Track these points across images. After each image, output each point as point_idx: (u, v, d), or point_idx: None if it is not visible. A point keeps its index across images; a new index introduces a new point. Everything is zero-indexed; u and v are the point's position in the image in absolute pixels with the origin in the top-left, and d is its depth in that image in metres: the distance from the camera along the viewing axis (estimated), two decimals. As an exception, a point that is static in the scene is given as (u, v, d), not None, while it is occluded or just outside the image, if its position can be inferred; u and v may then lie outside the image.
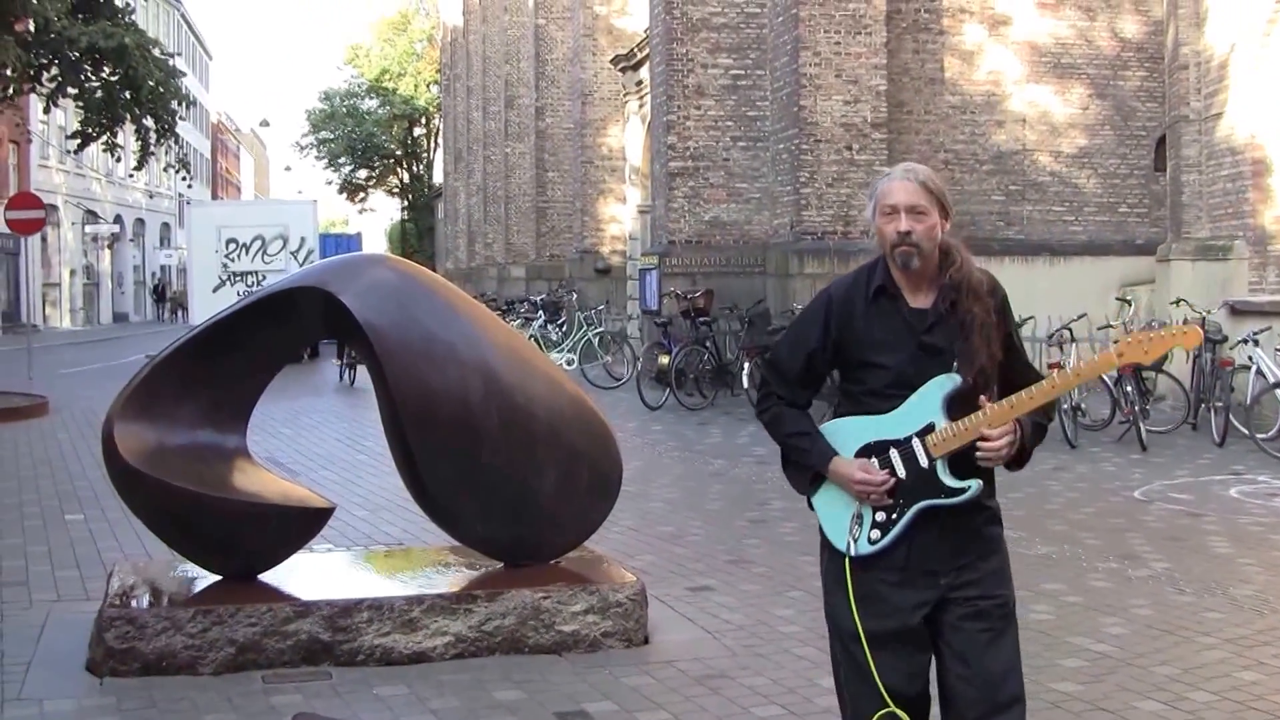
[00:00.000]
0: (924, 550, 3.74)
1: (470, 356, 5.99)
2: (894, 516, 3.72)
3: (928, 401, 3.70)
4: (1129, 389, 14.32)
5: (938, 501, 3.70)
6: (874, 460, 3.73)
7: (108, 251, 59.20)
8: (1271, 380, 13.56)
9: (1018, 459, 3.74)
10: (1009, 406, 3.65)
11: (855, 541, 3.74)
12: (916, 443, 3.70)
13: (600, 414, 6.56)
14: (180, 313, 52.35)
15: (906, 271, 3.74)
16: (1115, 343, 3.72)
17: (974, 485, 3.70)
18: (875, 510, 3.73)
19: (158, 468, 5.84)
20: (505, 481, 6.12)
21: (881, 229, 3.74)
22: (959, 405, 3.68)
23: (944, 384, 3.69)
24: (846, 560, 3.75)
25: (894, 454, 3.71)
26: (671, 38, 21.36)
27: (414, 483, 6.27)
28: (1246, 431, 13.38)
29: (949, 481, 3.69)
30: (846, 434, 3.79)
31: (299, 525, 6.26)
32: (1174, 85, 17.30)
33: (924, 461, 3.69)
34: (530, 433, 6.11)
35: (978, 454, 3.65)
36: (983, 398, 3.66)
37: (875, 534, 3.73)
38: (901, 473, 3.70)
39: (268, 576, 6.22)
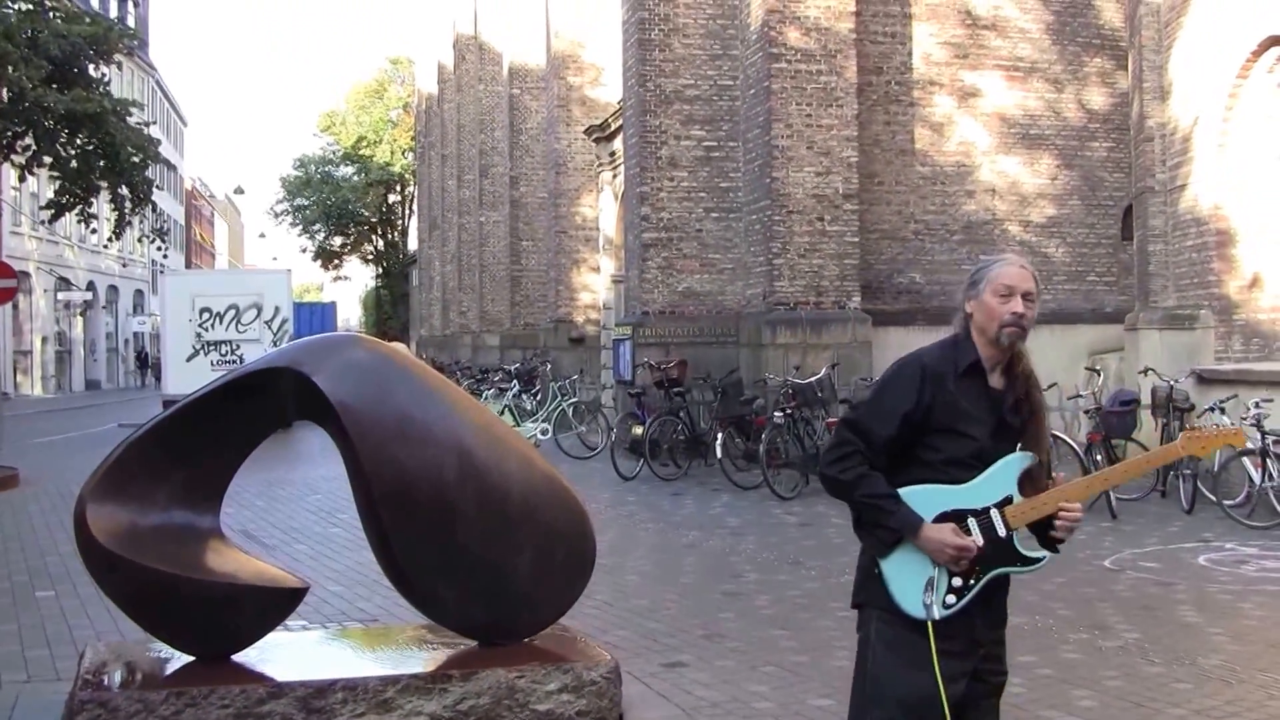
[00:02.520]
0: (973, 619, 3.97)
1: (445, 437, 6.02)
2: (970, 583, 3.93)
3: (1005, 476, 3.95)
4: (1099, 458, 14.43)
5: (1012, 570, 3.96)
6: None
7: (80, 319, 58.99)
8: (1238, 448, 13.67)
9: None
10: (1087, 485, 4.07)
11: (931, 605, 3.91)
12: (995, 514, 3.93)
13: (574, 492, 6.60)
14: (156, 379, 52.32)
15: (1000, 350, 4.02)
16: (1176, 440, 4.16)
17: (1048, 557, 4.01)
18: (952, 576, 3.92)
19: (131, 549, 5.85)
20: (480, 561, 6.14)
21: (992, 307, 3.98)
22: (1029, 482, 3.97)
23: (1021, 461, 3.96)
24: (930, 625, 3.92)
25: (972, 523, 3.92)
26: (644, 110, 21.55)
27: (388, 562, 6.29)
28: (1214, 498, 13.48)
29: (1026, 552, 3.96)
30: (923, 501, 3.95)
31: (273, 605, 6.26)
32: (1140, 157, 17.53)
33: (1002, 532, 3.92)
34: (505, 512, 6.13)
35: (1058, 523, 3.95)
36: (1056, 475, 4.02)
37: (951, 599, 3.93)
38: (979, 541, 3.91)
39: (242, 657, 6.21)
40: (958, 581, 3.90)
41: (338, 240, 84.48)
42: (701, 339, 21.16)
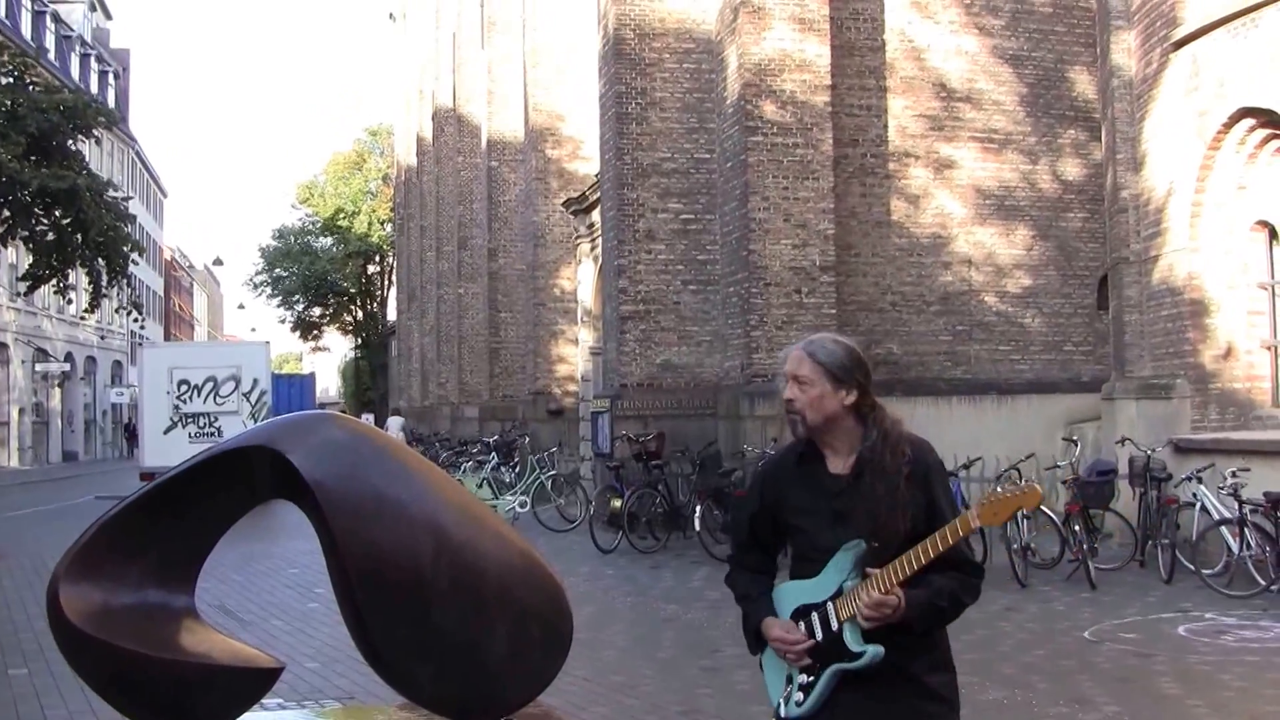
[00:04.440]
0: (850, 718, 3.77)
1: (420, 516, 5.99)
2: (812, 680, 3.80)
3: (841, 566, 3.80)
4: (1077, 528, 14.45)
5: (844, 666, 3.76)
6: (801, 624, 3.83)
7: (58, 390, 58.81)
8: (1216, 517, 13.69)
9: (908, 626, 3.75)
10: (889, 573, 3.71)
11: (785, 703, 3.85)
12: (830, 606, 3.80)
13: (551, 569, 6.59)
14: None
15: (811, 437, 3.89)
16: (970, 509, 3.78)
17: (870, 651, 3.73)
18: (800, 672, 3.83)
19: (104, 629, 5.80)
20: (456, 639, 6.10)
21: (783, 394, 3.92)
22: (866, 569, 3.77)
23: (853, 550, 3.77)
24: None
25: (814, 617, 3.82)
26: (622, 183, 21.66)
27: (363, 640, 6.25)
28: (1193, 568, 13.50)
29: (851, 646, 3.75)
30: (786, 597, 3.92)
31: (247, 686, 6.20)
32: (1114, 227, 17.65)
33: (834, 625, 3.78)
34: (481, 590, 6.10)
35: (860, 616, 3.72)
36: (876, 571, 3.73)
37: (800, 696, 3.82)
38: (819, 635, 3.80)
39: (216, 737, 6.16)
40: (804, 679, 3.81)
41: (316, 311, 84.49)
42: (680, 411, 21.18)
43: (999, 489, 3.86)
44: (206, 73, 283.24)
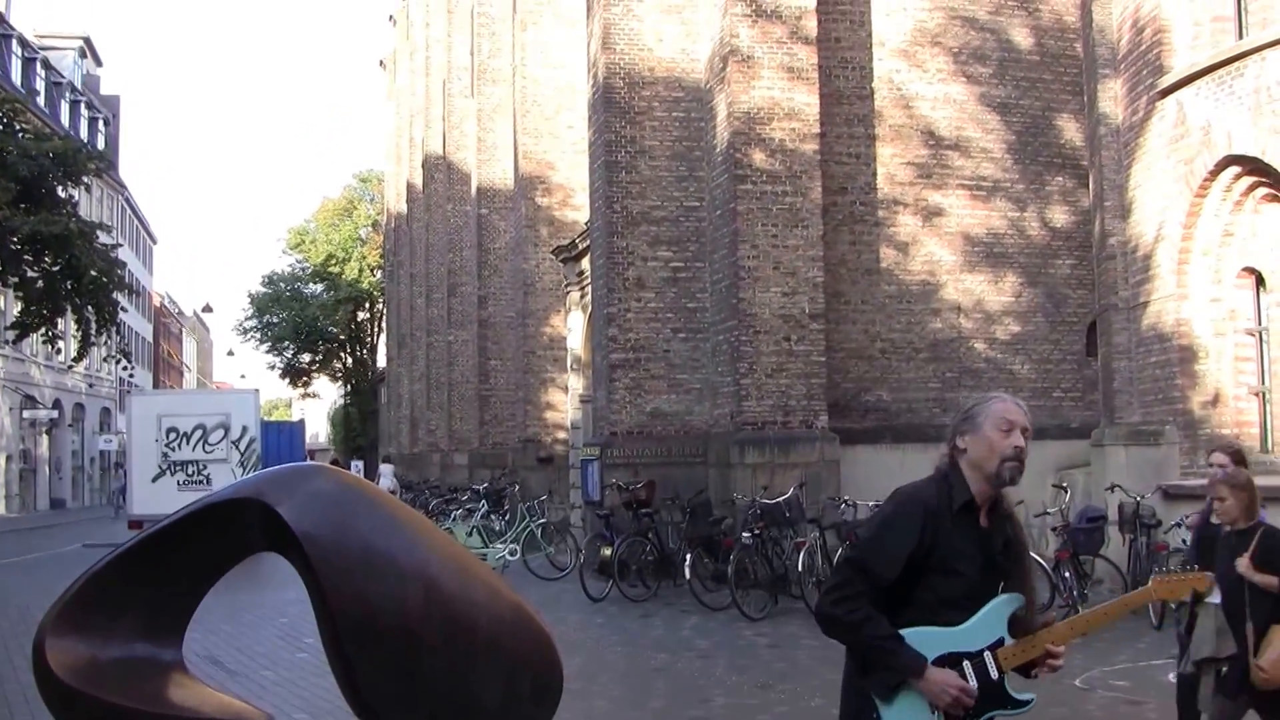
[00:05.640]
0: None
1: (410, 568, 5.97)
2: None
3: (996, 618, 3.96)
4: (1067, 574, 14.45)
5: (1002, 712, 3.95)
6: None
7: (46, 437, 58.63)
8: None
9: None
10: (1069, 628, 4.03)
11: None
12: (989, 656, 3.93)
13: (541, 620, 6.57)
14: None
15: (995, 486, 4.03)
16: (1149, 583, 4.29)
17: (1033, 698, 4.01)
18: None
19: (90, 684, 5.76)
20: (447, 693, 6.06)
21: (994, 441, 4.02)
22: (1018, 623, 3.98)
23: (1011, 603, 3.98)
24: None
25: (967, 666, 3.92)
26: (612, 231, 21.70)
27: (352, 694, 6.21)
28: (1184, 615, 13.47)
29: (1016, 694, 3.97)
30: (921, 643, 3.94)
31: (235, 739, 6.16)
32: (1102, 274, 17.73)
33: (994, 674, 3.92)
34: (471, 643, 6.07)
35: (1042, 668, 3.98)
36: (1047, 616, 4.05)
37: None
38: (973, 684, 3.91)
39: (203, 792, 6.10)
40: None
41: (306, 357, 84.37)
42: (670, 459, 21.14)
43: (1177, 570, 4.21)
44: (197, 119, 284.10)
